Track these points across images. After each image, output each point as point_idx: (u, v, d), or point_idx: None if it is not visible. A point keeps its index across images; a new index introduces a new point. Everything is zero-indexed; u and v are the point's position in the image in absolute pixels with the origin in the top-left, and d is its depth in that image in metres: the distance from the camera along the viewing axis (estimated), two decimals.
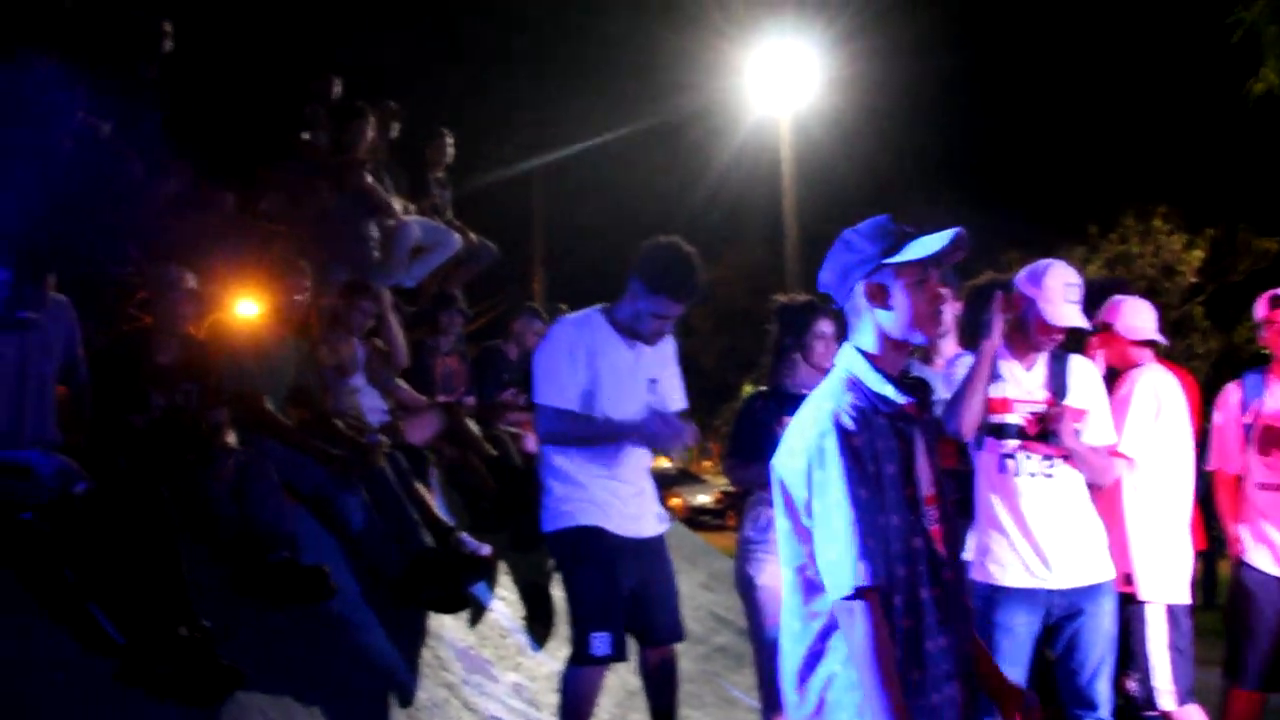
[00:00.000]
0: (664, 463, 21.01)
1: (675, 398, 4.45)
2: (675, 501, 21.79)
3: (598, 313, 4.30)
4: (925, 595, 2.41)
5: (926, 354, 4.38)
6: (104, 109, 5.32)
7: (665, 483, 17.22)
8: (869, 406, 2.44)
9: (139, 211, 5.15)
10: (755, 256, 19.93)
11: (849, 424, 2.38)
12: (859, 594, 2.31)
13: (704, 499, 23.64)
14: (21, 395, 4.09)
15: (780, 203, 16.29)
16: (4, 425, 4.01)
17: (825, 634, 2.41)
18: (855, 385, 2.48)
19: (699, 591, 7.18)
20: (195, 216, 5.45)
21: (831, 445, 2.37)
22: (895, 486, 2.41)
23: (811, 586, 2.42)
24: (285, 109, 6.88)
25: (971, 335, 4.00)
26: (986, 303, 3.86)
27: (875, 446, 2.40)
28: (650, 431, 4.17)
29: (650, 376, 4.33)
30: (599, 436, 4.17)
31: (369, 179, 6.83)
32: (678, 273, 4.13)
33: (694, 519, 20.88)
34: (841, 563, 2.33)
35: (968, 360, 3.87)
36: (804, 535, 2.42)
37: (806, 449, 2.41)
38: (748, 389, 4.67)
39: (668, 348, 4.42)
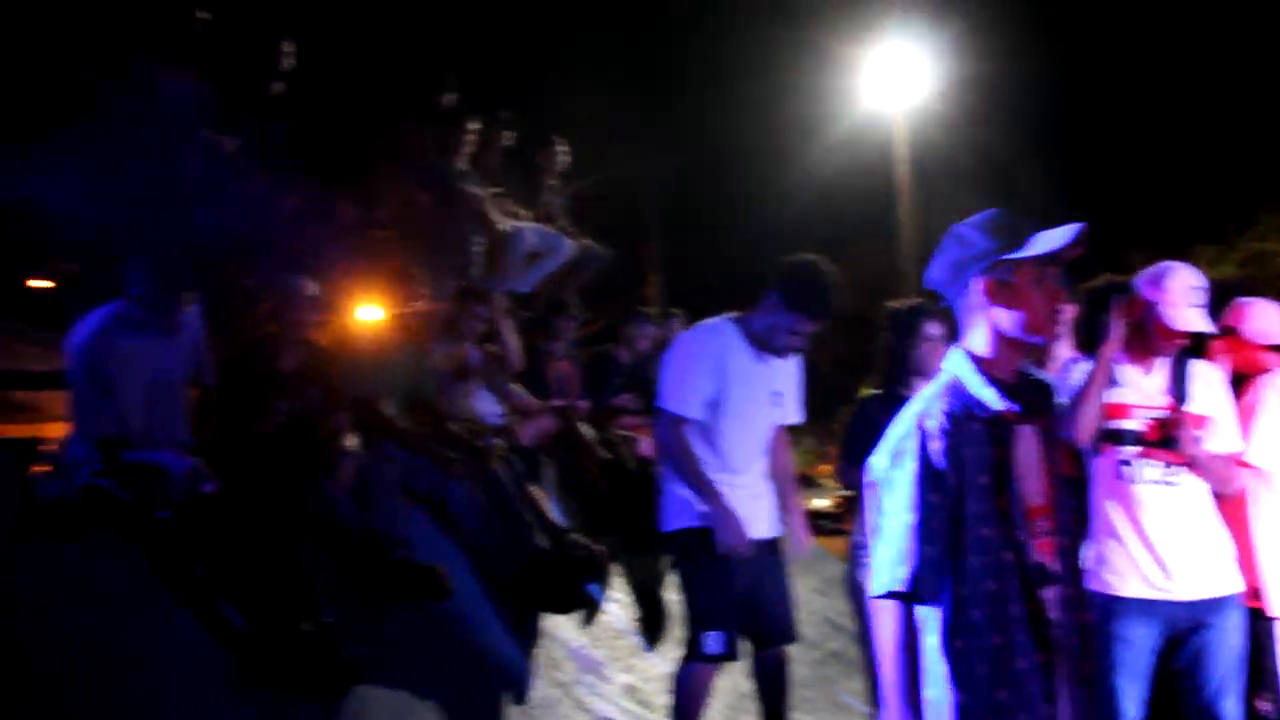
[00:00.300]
0: None
1: (792, 412, 4.53)
2: None
3: (730, 322, 4.38)
4: (1015, 611, 2.31)
5: (1040, 358, 4.29)
6: (228, 126, 5.55)
7: None
8: (963, 412, 2.34)
9: (263, 223, 5.35)
10: (872, 258, 19.72)
11: (932, 428, 2.32)
12: (898, 596, 2.28)
13: (822, 503, 23.38)
14: (155, 400, 4.31)
15: (895, 204, 16.10)
16: (139, 428, 4.22)
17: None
18: (954, 389, 2.39)
19: (813, 596, 7.14)
20: (316, 227, 5.62)
21: (910, 447, 2.32)
22: (986, 497, 2.31)
23: None
24: (397, 120, 7.03)
25: (1088, 339, 3.90)
26: (1104, 305, 3.77)
27: (962, 454, 2.31)
28: (728, 529, 4.18)
29: (774, 389, 4.40)
30: (690, 479, 4.25)
31: (469, 187, 6.93)
32: (816, 291, 4.23)
33: (812, 523, 20.67)
34: (886, 562, 2.30)
35: (1084, 366, 3.78)
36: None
37: (889, 450, 2.37)
38: (865, 392, 4.67)
39: (793, 362, 4.49)
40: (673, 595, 5.39)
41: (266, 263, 5.26)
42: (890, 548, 2.30)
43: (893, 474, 2.33)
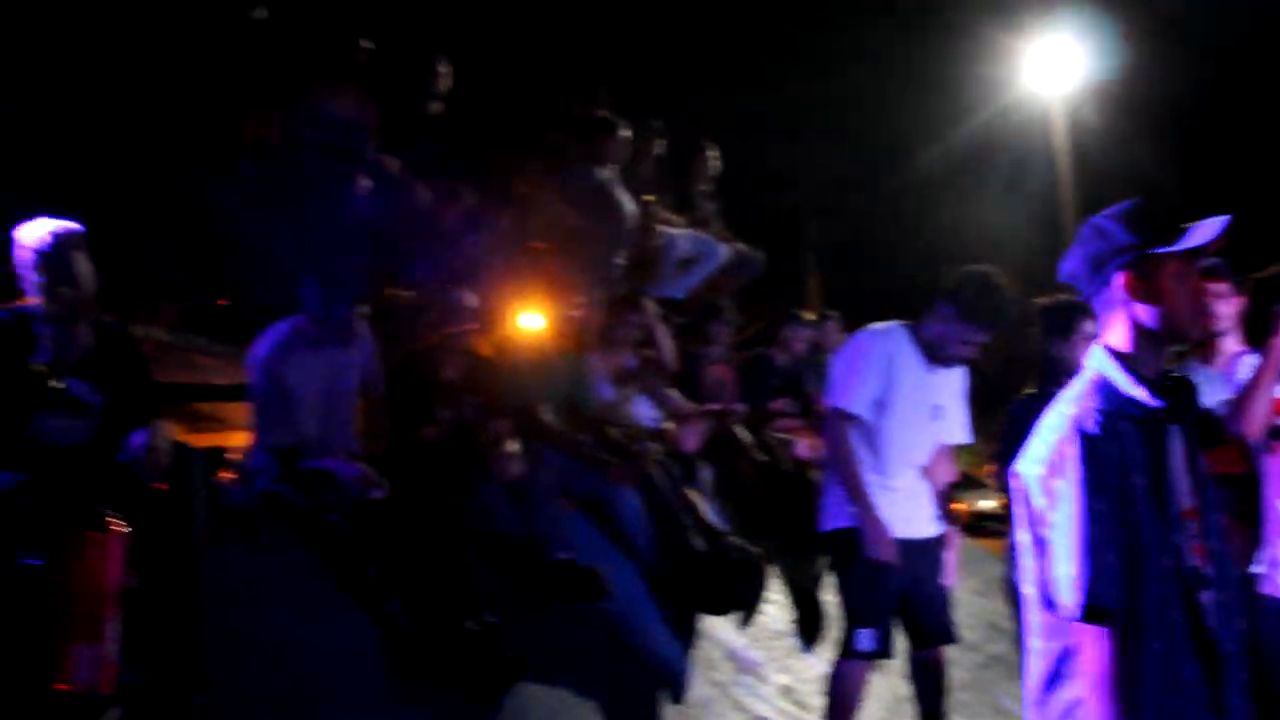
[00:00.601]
0: None
1: (957, 430, 4.55)
2: (959, 506, 21.11)
3: (902, 328, 4.43)
4: (1176, 617, 2.20)
5: (1206, 353, 4.13)
6: (392, 145, 5.80)
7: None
8: (1115, 411, 2.23)
9: (426, 237, 5.57)
10: (1032, 254, 19.18)
11: (1092, 429, 2.19)
12: (1093, 615, 2.14)
13: (987, 504, 22.82)
14: (330, 410, 4.54)
15: (1056, 199, 15.64)
16: (315, 437, 4.45)
17: (1064, 656, 2.22)
18: (1103, 387, 2.27)
19: (973, 598, 7.00)
20: (476, 239, 5.82)
21: (1071, 452, 2.18)
22: (1143, 499, 2.20)
23: (1050, 604, 2.22)
24: (550, 130, 7.17)
25: (1257, 332, 3.75)
26: (1274, 296, 3.62)
27: (1121, 455, 2.19)
28: (872, 534, 4.23)
29: (937, 403, 4.43)
30: (844, 479, 4.32)
31: (620, 195, 7.00)
32: (989, 303, 4.28)
33: (977, 525, 20.23)
34: (1072, 580, 2.15)
35: (1252, 360, 3.64)
36: (1041, 548, 2.24)
37: (1045, 456, 2.24)
38: (1026, 391, 4.61)
39: (959, 377, 4.50)
40: (830, 597, 5.39)
41: (429, 275, 5.48)
42: (1069, 563, 2.16)
43: (1055, 483, 2.20)
